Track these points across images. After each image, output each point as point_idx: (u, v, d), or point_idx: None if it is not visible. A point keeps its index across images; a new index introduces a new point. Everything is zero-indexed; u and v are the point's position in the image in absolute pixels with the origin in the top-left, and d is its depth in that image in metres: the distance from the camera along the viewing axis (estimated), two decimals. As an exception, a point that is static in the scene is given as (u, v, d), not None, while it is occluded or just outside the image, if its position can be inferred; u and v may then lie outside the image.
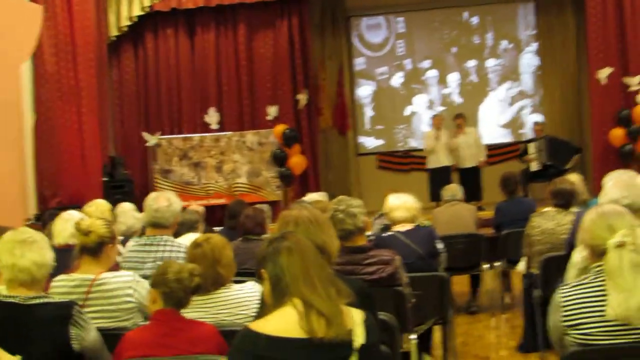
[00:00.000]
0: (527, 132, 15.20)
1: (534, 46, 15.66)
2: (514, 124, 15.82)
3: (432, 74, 15.94)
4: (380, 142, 16.13)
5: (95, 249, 4.26)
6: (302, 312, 2.54)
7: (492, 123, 15.79)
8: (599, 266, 3.28)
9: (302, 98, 14.05)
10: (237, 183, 13.45)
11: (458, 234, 8.41)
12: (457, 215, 8.75)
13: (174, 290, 3.57)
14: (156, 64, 13.91)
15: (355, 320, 2.61)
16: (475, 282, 8.98)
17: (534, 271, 6.73)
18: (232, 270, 4.23)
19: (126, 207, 7.52)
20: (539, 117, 15.26)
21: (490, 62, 15.86)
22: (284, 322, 2.55)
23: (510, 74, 15.81)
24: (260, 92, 13.92)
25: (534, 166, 13.39)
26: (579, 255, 4.34)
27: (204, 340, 3.51)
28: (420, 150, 14.68)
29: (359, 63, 16.10)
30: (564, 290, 3.36)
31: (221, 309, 4.09)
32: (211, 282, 4.10)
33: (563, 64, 15.11)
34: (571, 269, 4.47)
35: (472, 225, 8.71)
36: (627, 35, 12.89)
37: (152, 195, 5.30)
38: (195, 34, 13.92)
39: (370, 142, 16.15)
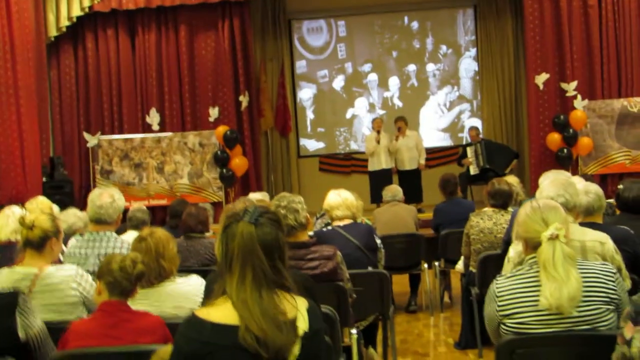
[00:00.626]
0: (466, 135, 15.37)
1: (473, 51, 15.88)
2: (453, 128, 16.03)
3: (373, 77, 16.06)
4: (321, 144, 16.21)
5: (39, 243, 4.27)
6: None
7: (432, 127, 15.96)
8: (532, 258, 3.41)
9: (244, 100, 14.06)
10: (179, 184, 13.43)
11: (398, 234, 8.57)
12: (398, 215, 8.89)
13: (118, 279, 3.61)
14: (96, 64, 13.76)
15: (299, 307, 2.67)
16: (415, 281, 9.12)
17: (472, 269, 6.89)
18: (175, 263, 4.29)
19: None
20: (477, 122, 15.49)
21: (430, 67, 16.03)
22: (229, 310, 2.59)
23: (450, 78, 16.00)
24: (202, 93, 13.86)
25: (473, 170, 13.59)
26: (514, 251, 4.48)
27: (150, 331, 3.55)
28: (361, 153, 14.82)
29: (300, 66, 16.15)
30: (500, 281, 3.48)
31: (165, 302, 4.14)
32: (155, 275, 4.15)
33: (501, 69, 15.32)
34: (507, 263, 4.61)
35: (412, 226, 8.86)
36: (564, 42, 13.20)
37: (96, 191, 5.30)
38: (136, 34, 13.80)
39: (311, 145, 16.22)
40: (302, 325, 2.62)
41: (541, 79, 13.28)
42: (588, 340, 3.28)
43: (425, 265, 8.69)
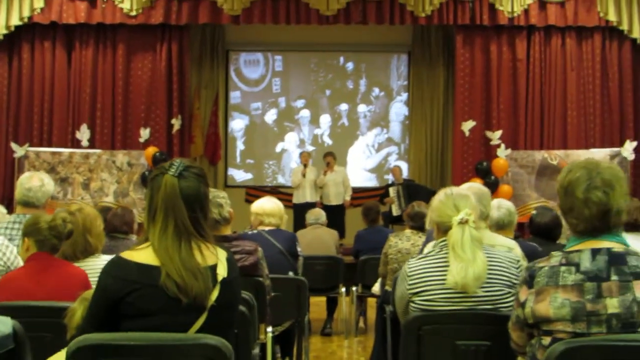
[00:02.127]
0: (392, 177, 15.66)
1: (404, 96, 16.25)
2: (379, 169, 16.33)
3: (305, 113, 16.31)
4: (249, 175, 16.34)
5: (-34, 211, 4.34)
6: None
7: (359, 166, 16.24)
8: (443, 241, 3.64)
9: (176, 123, 14.08)
10: (104, 201, 13.35)
11: (319, 256, 8.73)
12: (319, 238, 9.08)
13: (47, 238, 3.72)
14: (30, 75, 13.64)
15: (219, 256, 2.84)
16: (332, 305, 9.26)
17: (387, 288, 7.07)
18: (101, 240, 4.40)
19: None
20: (404, 164, 15.81)
21: (362, 108, 16.35)
22: (151, 253, 2.75)
23: (380, 120, 16.35)
24: (135, 114, 13.84)
25: (395, 210, 13.88)
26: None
27: (76, 276, 3.69)
28: (288, 187, 14.98)
29: (235, 96, 16.32)
30: (411, 262, 3.70)
31: (90, 277, 4.22)
32: (81, 250, 4.24)
33: (431, 115, 15.69)
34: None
35: (332, 249, 9.05)
36: (492, 92, 13.64)
37: (26, 174, 5.35)
38: (73, 49, 13.74)
39: (239, 175, 16.34)
40: (222, 271, 2.80)
41: (467, 125, 13.67)
42: (490, 319, 3.48)
43: (343, 289, 8.85)
